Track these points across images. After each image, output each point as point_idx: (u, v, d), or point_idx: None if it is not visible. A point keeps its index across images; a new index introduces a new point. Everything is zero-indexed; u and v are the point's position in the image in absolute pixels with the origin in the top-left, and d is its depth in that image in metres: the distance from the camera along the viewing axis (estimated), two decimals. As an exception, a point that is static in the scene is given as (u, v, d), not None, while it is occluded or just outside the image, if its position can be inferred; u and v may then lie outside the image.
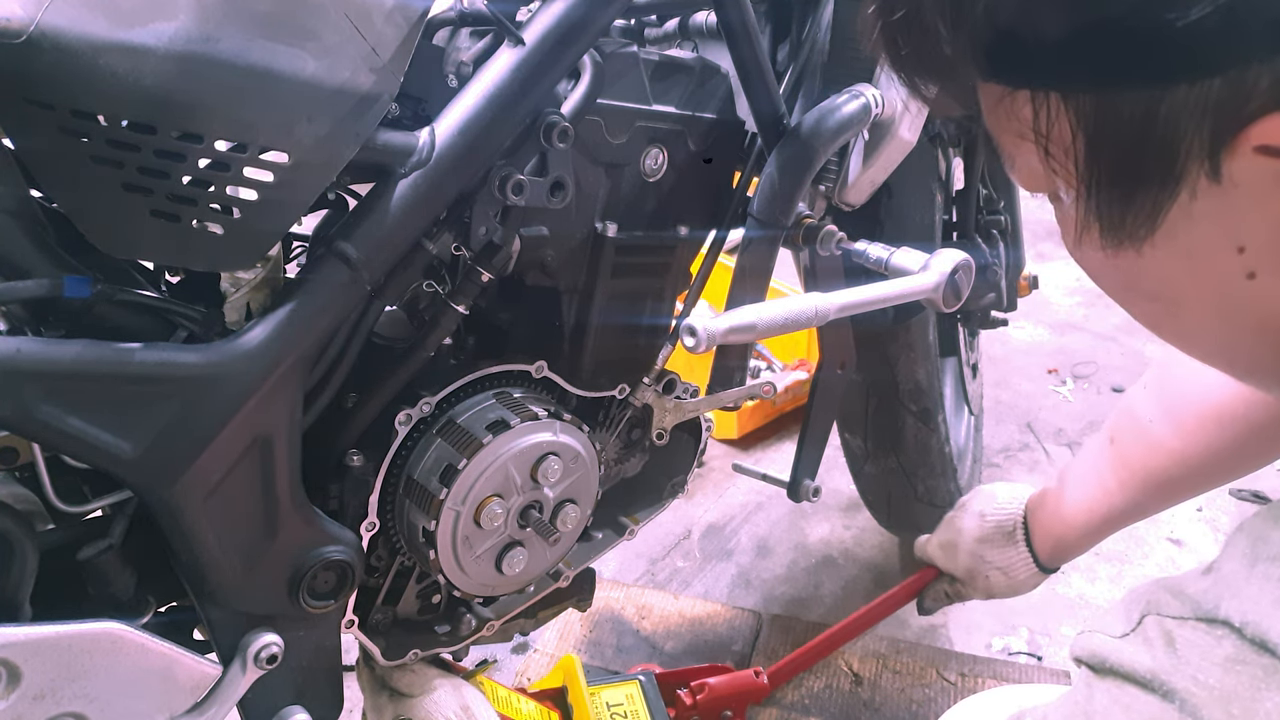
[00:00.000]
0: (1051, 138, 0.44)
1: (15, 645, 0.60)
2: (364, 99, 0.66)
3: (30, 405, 0.59)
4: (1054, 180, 0.46)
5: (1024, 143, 0.46)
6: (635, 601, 1.63)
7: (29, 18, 0.53)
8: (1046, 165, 0.46)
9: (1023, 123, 0.45)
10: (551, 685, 1.16)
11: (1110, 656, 0.46)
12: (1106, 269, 0.48)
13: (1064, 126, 0.43)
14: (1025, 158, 0.47)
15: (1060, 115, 0.43)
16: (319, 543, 0.76)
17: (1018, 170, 0.49)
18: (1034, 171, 0.47)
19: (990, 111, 0.48)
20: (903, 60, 0.49)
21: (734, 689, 1.21)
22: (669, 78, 0.89)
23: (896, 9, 0.46)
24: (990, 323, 1.50)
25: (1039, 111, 0.44)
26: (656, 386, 0.97)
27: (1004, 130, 0.48)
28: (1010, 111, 0.46)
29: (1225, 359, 0.51)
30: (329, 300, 0.70)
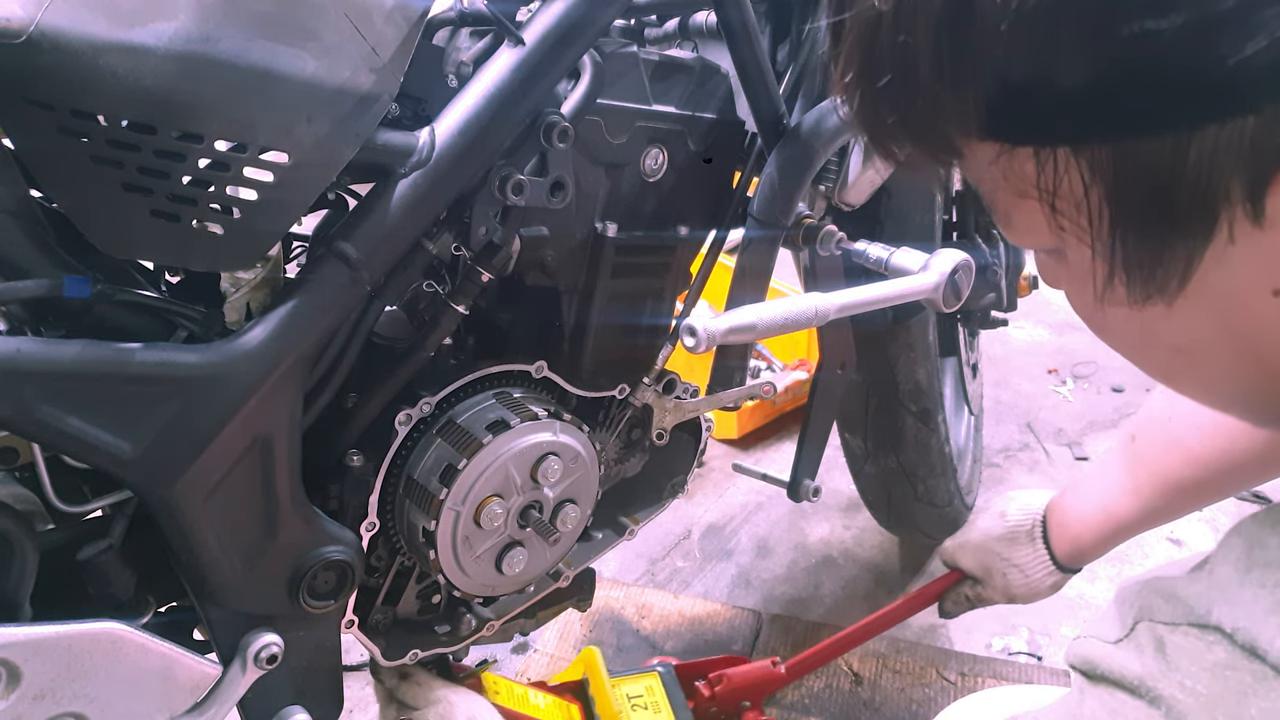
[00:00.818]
0: (1059, 193, 0.41)
1: (15, 645, 0.60)
2: (364, 99, 0.66)
3: (30, 405, 0.59)
4: (1060, 237, 0.43)
5: (1024, 200, 0.43)
6: (635, 601, 1.63)
7: (29, 18, 0.53)
8: (1053, 222, 0.43)
9: (1023, 179, 0.42)
10: (571, 678, 1.17)
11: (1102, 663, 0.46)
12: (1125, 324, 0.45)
13: (1074, 180, 0.40)
14: (1025, 215, 0.44)
15: (1070, 169, 0.40)
16: (319, 543, 0.76)
17: (1014, 228, 0.46)
18: (1035, 228, 0.44)
19: (982, 170, 0.44)
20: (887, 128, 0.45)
21: (752, 679, 1.22)
22: (669, 78, 0.89)
23: (881, 74, 0.42)
24: (990, 323, 1.50)
25: (1044, 167, 0.41)
26: (656, 386, 0.97)
27: (999, 188, 0.44)
28: (1008, 169, 0.43)
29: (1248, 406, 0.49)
30: (329, 300, 0.70)
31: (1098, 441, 2.15)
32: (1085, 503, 1.08)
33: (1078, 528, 1.09)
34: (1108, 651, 0.46)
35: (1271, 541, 0.41)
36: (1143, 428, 1.01)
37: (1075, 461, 2.08)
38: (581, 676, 1.16)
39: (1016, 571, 1.14)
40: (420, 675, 0.92)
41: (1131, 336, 0.47)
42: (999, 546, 1.16)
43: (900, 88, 0.42)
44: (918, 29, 0.40)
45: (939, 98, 0.41)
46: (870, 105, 0.44)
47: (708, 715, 1.18)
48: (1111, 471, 1.05)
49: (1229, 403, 0.49)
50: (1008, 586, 1.15)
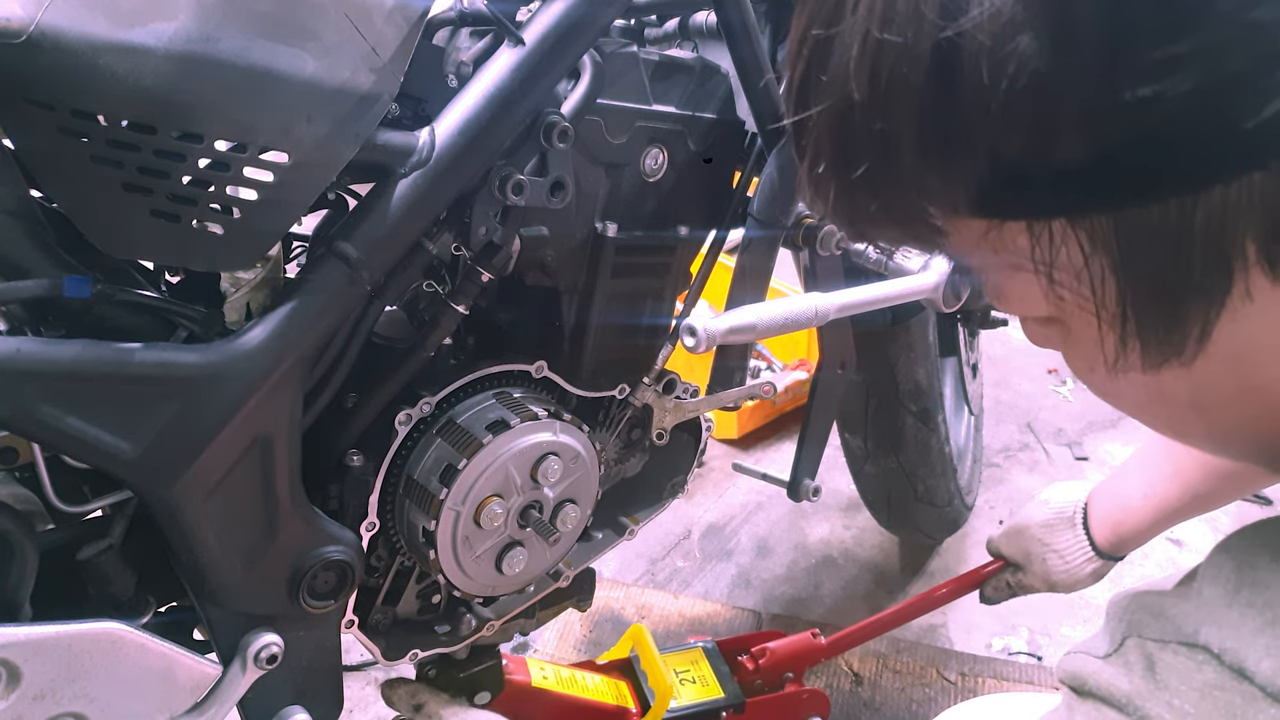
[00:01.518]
0: (1057, 264, 0.39)
1: (15, 645, 0.60)
2: (364, 99, 0.66)
3: (30, 405, 0.59)
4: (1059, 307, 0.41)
5: (1018, 273, 0.41)
6: (635, 601, 1.63)
7: (29, 18, 0.53)
8: (1050, 293, 0.41)
9: (1016, 253, 0.40)
10: (617, 656, 1.19)
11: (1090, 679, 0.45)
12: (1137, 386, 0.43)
13: (1073, 251, 0.38)
14: (1020, 287, 0.42)
15: (1068, 240, 0.38)
16: (319, 543, 0.76)
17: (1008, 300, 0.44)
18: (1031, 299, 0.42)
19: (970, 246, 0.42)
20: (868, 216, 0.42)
21: (794, 652, 1.23)
22: (669, 78, 0.89)
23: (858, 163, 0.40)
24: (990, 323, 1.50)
25: (1038, 240, 0.39)
26: (656, 386, 0.97)
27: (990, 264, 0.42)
28: (998, 244, 0.40)
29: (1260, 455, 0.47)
30: (329, 300, 0.70)
31: (1098, 441, 2.15)
32: (1127, 489, 1.08)
33: (1119, 514, 1.09)
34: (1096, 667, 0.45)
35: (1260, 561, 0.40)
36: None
37: (1075, 461, 2.08)
38: (629, 654, 1.19)
39: (1056, 558, 1.14)
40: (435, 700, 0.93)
41: (1143, 399, 0.45)
42: (1040, 533, 1.16)
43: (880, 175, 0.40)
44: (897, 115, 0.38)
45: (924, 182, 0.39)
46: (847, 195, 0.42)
47: (752, 688, 1.20)
48: (1153, 458, 1.04)
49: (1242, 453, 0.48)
50: (1048, 573, 1.15)
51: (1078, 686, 0.46)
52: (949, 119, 0.36)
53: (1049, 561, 1.15)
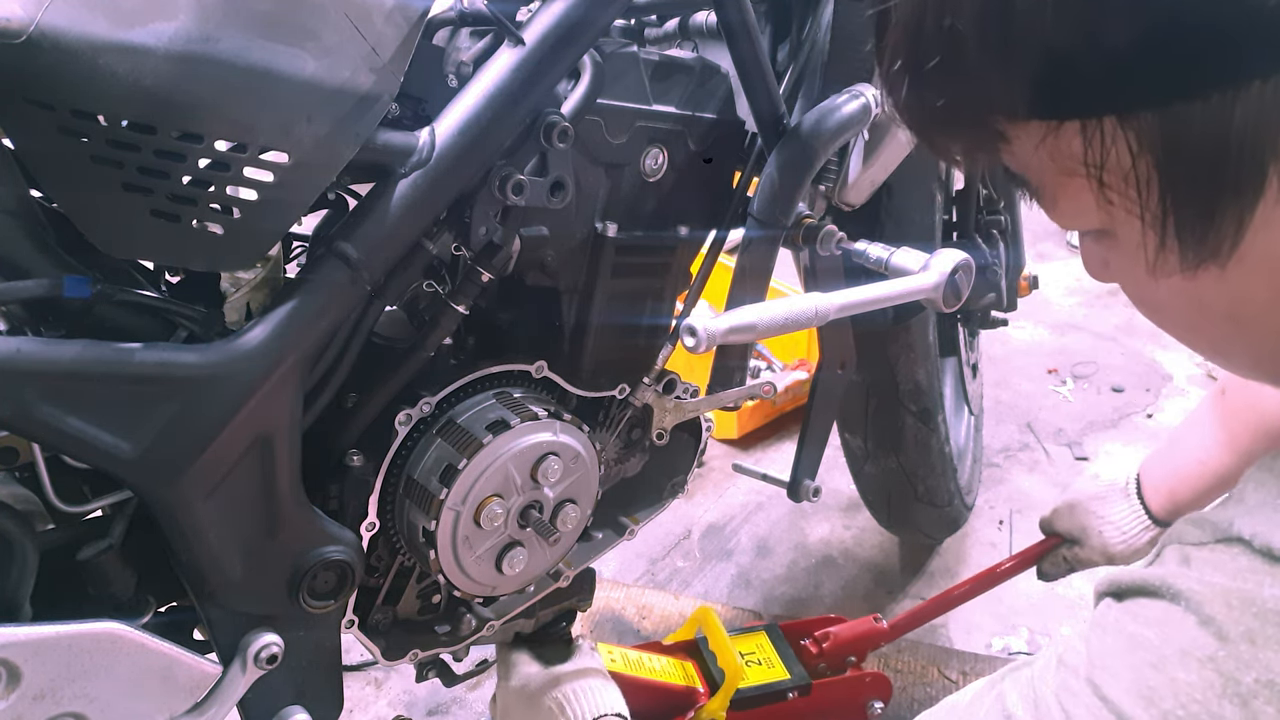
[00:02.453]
0: (1107, 167, 0.42)
1: (15, 645, 0.60)
2: (364, 99, 0.66)
3: (30, 405, 0.59)
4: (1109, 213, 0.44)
5: (1072, 179, 0.44)
6: (636, 602, 1.63)
7: (29, 18, 0.53)
8: (1101, 198, 0.43)
9: (1071, 157, 0.43)
10: (683, 638, 1.21)
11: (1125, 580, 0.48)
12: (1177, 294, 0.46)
13: (1121, 152, 0.41)
14: (1073, 195, 0.45)
15: (1117, 140, 0.41)
16: (319, 543, 0.76)
17: (1060, 210, 0.46)
18: (1083, 208, 0.45)
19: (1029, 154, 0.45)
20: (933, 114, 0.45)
21: (857, 635, 1.24)
22: (669, 78, 0.89)
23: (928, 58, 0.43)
24: (990, 323, 1.50)
25: (1090, 141, 0.41)
26: (656, 386, 0.97)
27: (1045, 170, 0.45)
28: (1055, 149, 0.43)
29: None
30: (329, 300, 0.70)
31: (1098, 441, 2.15)
32: (1180, 457, 1.08)
33: (1173, 481, 1.09)
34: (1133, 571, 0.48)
35: None
36: (1233, 379, 1.00)
37: (1075, 461, 2.08)
38: (695, 635, 1.20)
39: (1113, 529, 1.14)
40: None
41: (1185, 310, 0.47)
42: (1094, 505, 1.16)
43: (948, 70, 0.43)
44: (963, 11, 0.41)
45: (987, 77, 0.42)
46: (917, 92, 0.45)
47: (815, 671, 1.21)
48: (1204, 425, 1.05)
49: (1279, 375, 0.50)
50: (1105, 545, 1.15)
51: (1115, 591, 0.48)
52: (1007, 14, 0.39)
53: (1105, 534, 1.15)
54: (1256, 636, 0.40)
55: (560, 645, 1.03)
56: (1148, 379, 2.41)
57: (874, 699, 1.23)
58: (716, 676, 1.15)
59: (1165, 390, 2.37)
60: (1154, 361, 2.49)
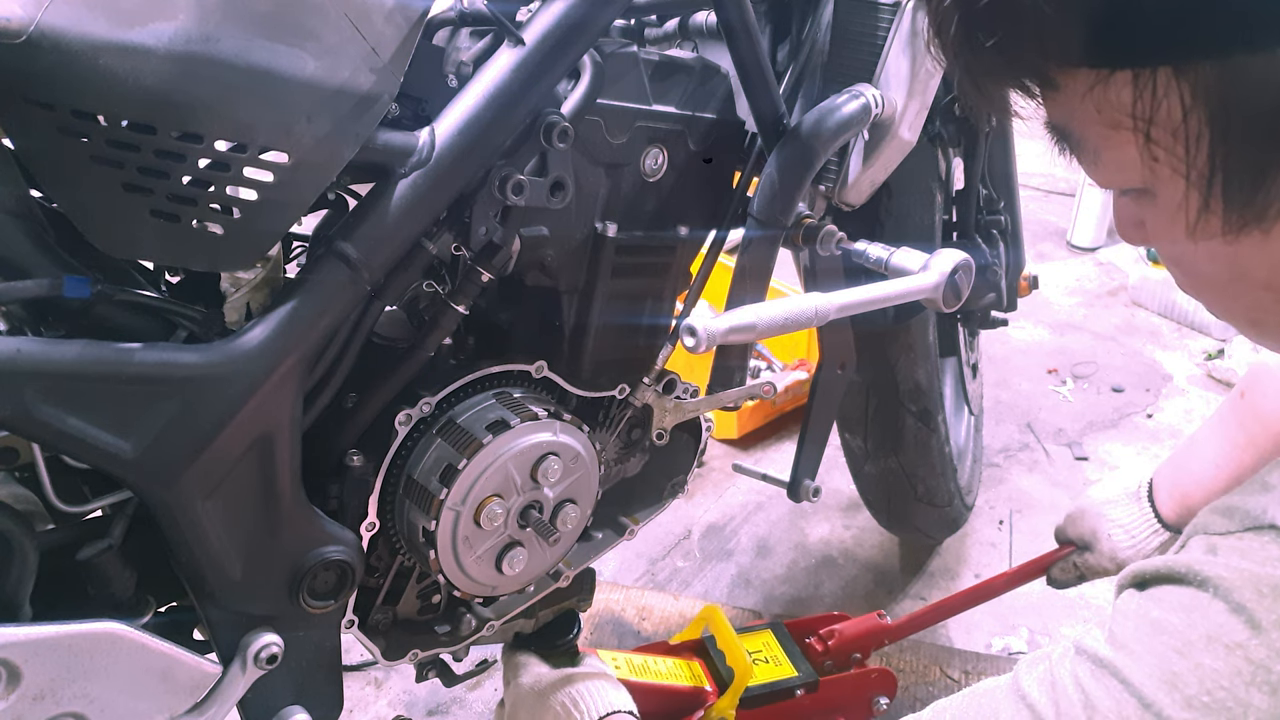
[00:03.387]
0: (1156, 120, 0.41)
1: (15, 645, 0.60)
2: (364, 99, 0.66)
3: (30, 405, 0.59)
4: (1151, 170, 0.43)
5: (1117, 132, 0.42)
6: (635, 603, 1.63)
7: (29, 18, 0.53)
8: (1145, 153, 0.42)
9: (1119, 109, 0.41)
10: (689, 637, 1.21)
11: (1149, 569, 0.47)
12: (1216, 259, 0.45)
13: (1173, 105, 0.40)
14: (1116, 150, 0.43)
15: (1170, 93, 0.39)
16: (319, 543, 0.76)
17: (1103, 165, 0.45)
18: (1126, 164, 0.43)
19: (1074, 104, 0.43)
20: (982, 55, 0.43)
21: (862, 632, 1.25)
22: (669, 78, 0.89)
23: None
24: (990, 323, 1.50)
25: (1142, 92, 0.40)
26: (656, 386, 0.97)
27: (1091, 122, 0.44)
28: (1103, 99, 0.42)
29: None
30: (329, 300, 0.70)
31: (1098, 441, 2.15)
32: (1196, 461, 1.06)
33: (1187, 485, 1.07)
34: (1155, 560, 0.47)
35: None
36: (1253, 382, 0.99)
37: (1075, 461, 2.08)
38: (701, 635, 1.21)
39: (1122, 533, 1.12)
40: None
41: (1221, 274, 0.46)
42: (1105, 510, 1.14)
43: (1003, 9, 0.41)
44: None
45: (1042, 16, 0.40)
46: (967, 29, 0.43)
47: (821, 668, 1.22)
48: (1221, 428, 1.03)
49: None
50: (1114, 550, 1.13)
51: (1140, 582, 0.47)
52: None
53: (1115, 538, 1.13)
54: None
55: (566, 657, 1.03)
56: (1148, 379, 2.41)
57: (880, 695, 1.24)
58: (725, 675, 1.15)
59: (1165, 390, 2.37)
60: (1154, 361, 2.49)
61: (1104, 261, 3.02)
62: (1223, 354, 2.41)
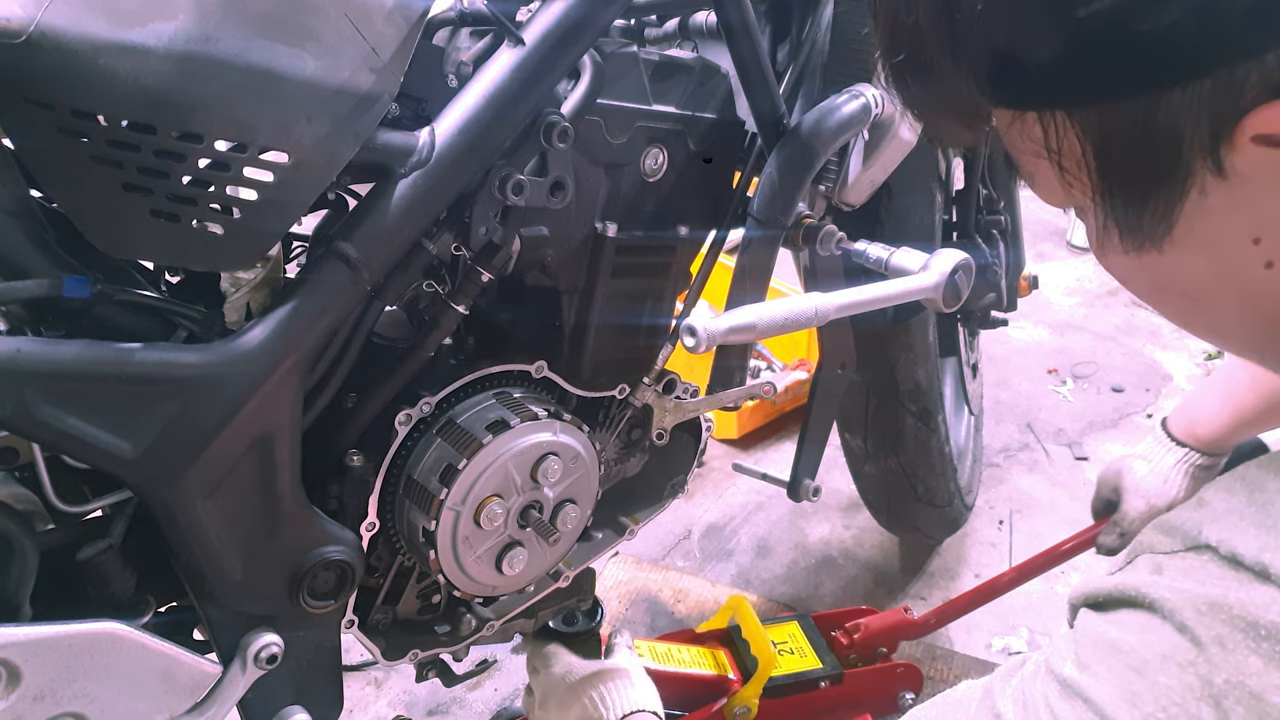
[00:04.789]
0: (1063, 153, 0.46)
1: (15, 645, 0.60)
2: (364, 99, 0.66)
3: (30, 405, 0.59)
4: (1072, 193, 0.48)
5: (1040, 160, 0.48)
6: (673, 585, 1.65)
7: (29, 18, 0.53)
8: (1063, 180, 0.48)
9: (1036, 141, 0.47)
10: (716, 627, 1.23)
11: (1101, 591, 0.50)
12: (1133, 271, 0.50)
13: (1072, 141, 0.45)
14: (1044, 175, 0.49)
15: (1068, 131, 0.45)
16: (319, 543, 0.76)
17: (1039, 187, 0.51)
18: (1053, 187, 0.49)
19: (1006, 134, 0.50)
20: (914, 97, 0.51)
21: (887, 626, 1.26)
22: (669, 78, 0.89)
23: (899, 50, 0.48)
24: (990, 323, 1.50)
25: (1048, 129, 0.46)
26: (656, 386, 0.96)
27: (1021, 150, 0.49)
28: (1023, 132, 0.47)
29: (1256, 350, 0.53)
30: (329, 300, 0.70)
31: (1098, 441, 2.15)
32: (1205, 397, 1.14)
33: (1194, 414, 1.15)
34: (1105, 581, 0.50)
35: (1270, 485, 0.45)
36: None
37: (1075, 461, 2.08)
38: (728, 624, 1.22)
39: (1140, 461, 1.18)
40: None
41: (1144, 283, 0.51)
42: (1125, 455, 1.21)
43: (915, 63, 0.47)
44: (920, 10, 0.46)
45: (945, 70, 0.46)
46: (899, 80, 0.50)
47: (846, 662, 1.23)
48: (1233, 369, 1.10)
49: (1240, 348, 0.54)
50: (1137, 483, 1.18)
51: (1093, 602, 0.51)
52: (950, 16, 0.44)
53: (1135, 468, 1.18)
54: (1226, 640, 0.43)
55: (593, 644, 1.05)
56: (1148, 379, 2.41)
57: (906, 690, 1.24)
58: (749, 665, 1.16)
59: (1165, 390, 2.37)
60: (1154, 361, 2.49)
61: (1104, 261, 3.02)
62: (1222, 354, 2.41)
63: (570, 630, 1.05)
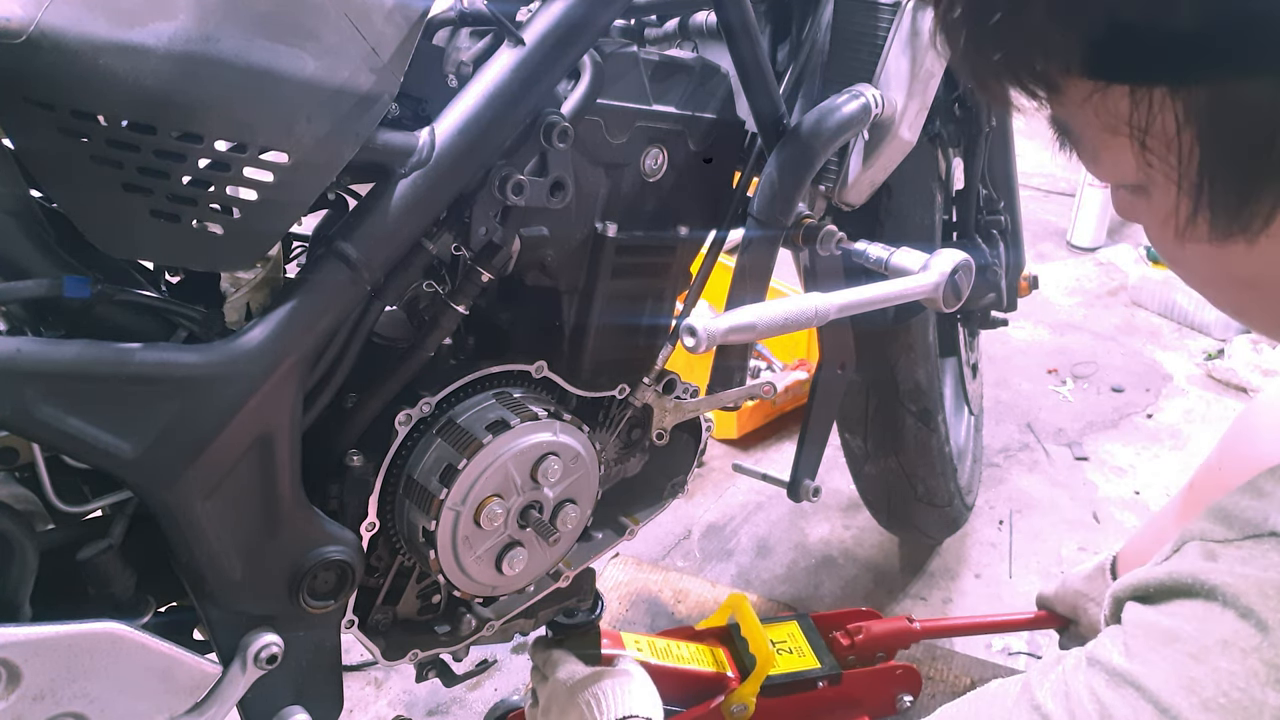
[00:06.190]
0: (1151, 131, 0.42)
1: (15, 645, 0.60)
2: (364, 99, 0.66)
3: (30, 405, 0.59)
4: (1147, 174, 0.44)
5: (1115, 137, 0.44)
6: (673, 585, 1.65)
7: (29, 18, 0.53)
8: (1141, 159, 0.44)
9: (1116, 117, 0.43)
10: (715, 624, 1.23)
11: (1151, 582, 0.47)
12: (1203, 259, 0.47)
13: (1168, 120, 0.41)
14: (1114, 152, 0.45)
15: (1165, 109, 0.41)
16: (319, 543, 0.76)
17: (1101, 164, 0.47)
18: (1123, 164, 0.45)
19: (1074, 107, 0.45)
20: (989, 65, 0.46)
21: (889, 632, 1.26)
22: (669, 78, 0.89)
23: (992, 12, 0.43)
24: (990, 323, 1.50)
25: (1138, 106, 0.42)
26: (656, 386, 0.96)
27: (1089, 124, 0.45)
28: (1100, 107, 0.44)
29: None
30: (329, 300, 0.70)
31: (1098, 441, 2.15)
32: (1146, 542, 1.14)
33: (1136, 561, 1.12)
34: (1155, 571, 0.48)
35: None
36: (1198, 477, 1.07)
37: (1075, 461, 2.08)
38: (727, 622, 1.22)
39: (1095, 607, 1.17)
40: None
41: (1206, 272, 0.48)
42: (1081, 585, 1.20)
43: (1010, 26, 0.43)
44: None
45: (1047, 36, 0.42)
46: (976, 42, 0.45)
47: (845, 663, 1.23)
48: (1170, 515, 1.10)
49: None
50: (1093, 624, 1.18)
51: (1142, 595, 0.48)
52: None
53: (1090, 612, 1.18)
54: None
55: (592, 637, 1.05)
56: (1148, 379, 2.41)
57: (903, 692, 1.24)
58: (748, 663, 1.16)
59: (1165, 390, 2.36)
60: (1154, 361, 2.49)
61: (1104, 261, 3.02)
62: (1223, 354, 2.41)
63: (570, 622, 1.06)
